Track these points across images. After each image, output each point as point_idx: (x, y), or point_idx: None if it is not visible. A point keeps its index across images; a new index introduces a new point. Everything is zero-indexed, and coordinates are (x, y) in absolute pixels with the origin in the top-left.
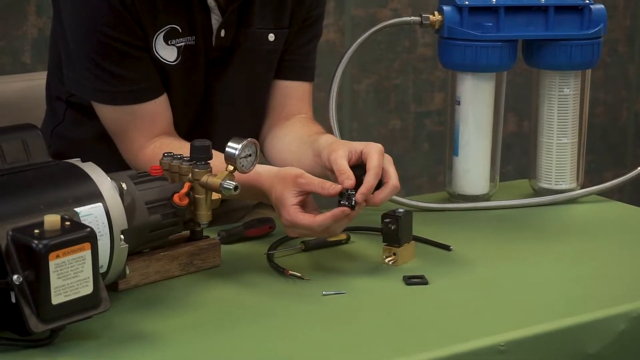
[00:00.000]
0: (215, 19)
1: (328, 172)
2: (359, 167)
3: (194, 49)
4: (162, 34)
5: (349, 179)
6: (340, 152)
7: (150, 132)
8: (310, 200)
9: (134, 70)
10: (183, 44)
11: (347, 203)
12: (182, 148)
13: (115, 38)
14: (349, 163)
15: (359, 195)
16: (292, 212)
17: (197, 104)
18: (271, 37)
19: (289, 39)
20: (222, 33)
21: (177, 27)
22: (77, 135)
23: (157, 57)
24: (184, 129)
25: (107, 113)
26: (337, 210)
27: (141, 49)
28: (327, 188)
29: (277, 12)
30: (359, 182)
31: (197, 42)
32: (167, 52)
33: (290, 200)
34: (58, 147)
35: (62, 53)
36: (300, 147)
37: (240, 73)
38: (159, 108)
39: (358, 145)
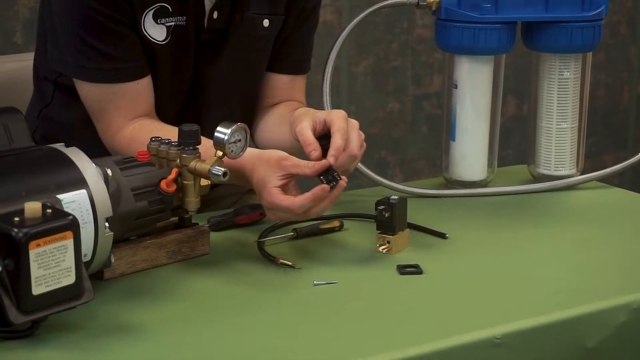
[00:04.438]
0: (209, 0)
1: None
2: (325, 137)
3: (184, 30)
4: (152, 11)
5: (315, 150)
6: (305, 123)
7: (130, 113)
8: (293, 185)
9: (119, 48)
10: (173, 23)
11: (325, 180)
12: (162, 129)
13: (102, 13)
14: (314, 133)
15: (330, 158)
16: (273, 193)
17: (187, 87)
18: (266, 22)
19: (286, 31)
20: (215, 15)
21: (167, 6)
22: (65, 118)
23: (146, 36)
24: (172, 113)
25: (88, 91)
26: (317, 189)
27: (128, 26)
28: (314, 166)
29: None
30: (325, 151)
31: (188, 23)
32: (156, 31)
33: (272, 183)
34: (45, 130)
35: (47, 30)
36: (280, 125)
37: (233, 58)
38: (141, 89)
39: (321, 114)
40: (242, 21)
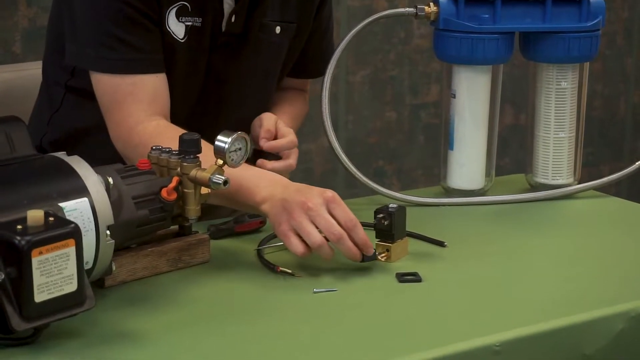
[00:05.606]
0: (228, 4)
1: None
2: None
3: (200, 31)
4: (175, 9)
5: (266, 140)
6: (273, 116)
7: (149, 108)
8: None
9: (142, 40)
10: (190, 23)
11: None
12: None
13: (130, 4)
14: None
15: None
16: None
17: (199, 89)
18: (278, 29)
19: (299, 41)
20: (233, 18)
21: (187, 5)
22: (76, 123)
23: (169, 32)
24: (182, 115)
25: (106, 83)
26: (371, 246)
27: (153, 20)
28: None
29: (283, 5)
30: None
31: (204, 24)
32: (178, 29)
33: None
34: (55, 135)
35: (66, 28)
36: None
37: (246, 63)
38: (160, 84)
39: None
40: (258, 27)
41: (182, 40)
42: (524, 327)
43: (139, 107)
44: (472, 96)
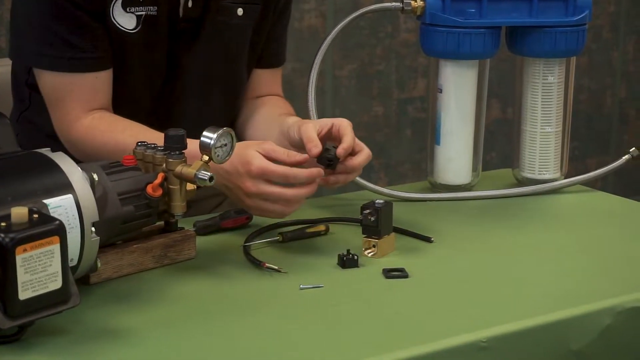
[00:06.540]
0: None
1: (293, 149)
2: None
3: (156, 20)
4: (120, 0)
5: (316, 147)
6: (311, 124)
7: (88, 105)
8: None
9: (82, 38)
10: (143, 13)
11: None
12: (122, 121)
13: (70, 0)
14: (318, 135)
15: (340, 150)
16: (265, 162)
17: (161, 78)
18: (240, 11)
19: (267, 27)
20: (190, 3)
21: None
22: (43, 121)
23: (115, 25)
24: (146, 104)
25: (46, 80)
26: (315, 170)
27: (95, 16)
28: (293, 155)
29: None
30: (328, 155)
31: (160, 13)
32: (125, 20)
33: (256, 152)
34: (26, 134)
35: (10, 22)
36: (267, 124)
37: (208, 48)
38: (99, 83)
39: (327, 120)
40: (216, 10)
41: (133, 32)
42: (511, 322)
43: (78, 104)
44: (458, 91)
